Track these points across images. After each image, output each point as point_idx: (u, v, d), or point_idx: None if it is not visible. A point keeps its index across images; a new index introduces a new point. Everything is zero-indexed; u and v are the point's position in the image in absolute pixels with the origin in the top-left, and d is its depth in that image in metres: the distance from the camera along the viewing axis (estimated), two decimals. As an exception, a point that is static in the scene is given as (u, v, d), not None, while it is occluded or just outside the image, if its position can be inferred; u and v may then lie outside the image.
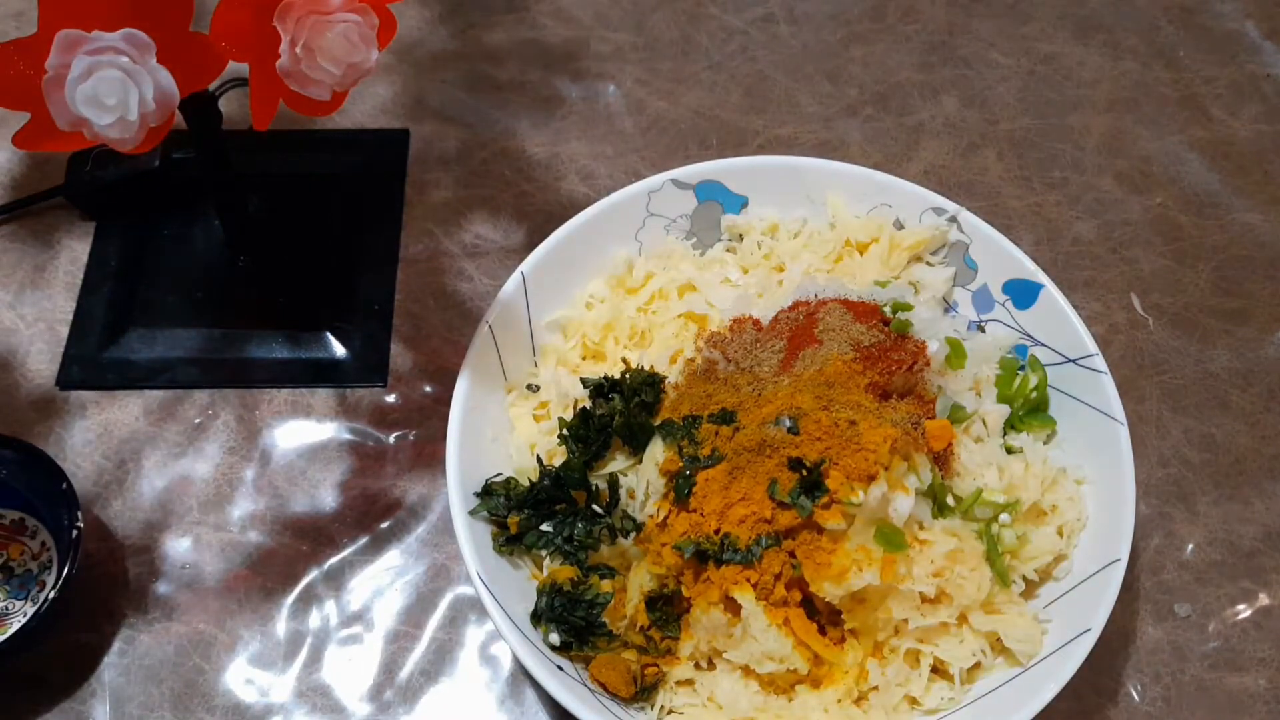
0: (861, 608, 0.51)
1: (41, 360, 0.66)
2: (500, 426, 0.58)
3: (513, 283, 0.59)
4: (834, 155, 0.65)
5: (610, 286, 0.62)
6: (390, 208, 0.72)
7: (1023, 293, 0.60)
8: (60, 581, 0.53)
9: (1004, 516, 0.54)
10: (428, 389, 0.66)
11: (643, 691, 0.52)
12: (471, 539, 0.52)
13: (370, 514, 0.62)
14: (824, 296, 0.59)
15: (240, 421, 0.64)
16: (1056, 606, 0.53)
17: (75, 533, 0.54)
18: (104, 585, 0.59)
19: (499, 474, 0.56)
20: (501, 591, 0.51)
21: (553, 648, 0.52)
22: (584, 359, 0.61)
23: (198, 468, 0.63)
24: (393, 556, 0.61)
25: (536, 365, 0.61)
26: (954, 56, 0.82)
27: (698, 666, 0.53)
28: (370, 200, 0.73)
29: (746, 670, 0.51)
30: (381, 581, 0.60)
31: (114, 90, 0.43)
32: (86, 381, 0.65)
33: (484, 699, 0.57)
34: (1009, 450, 0.57)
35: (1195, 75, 0.81)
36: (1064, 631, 0.51)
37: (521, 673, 0.57)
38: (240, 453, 0.63)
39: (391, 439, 0.64)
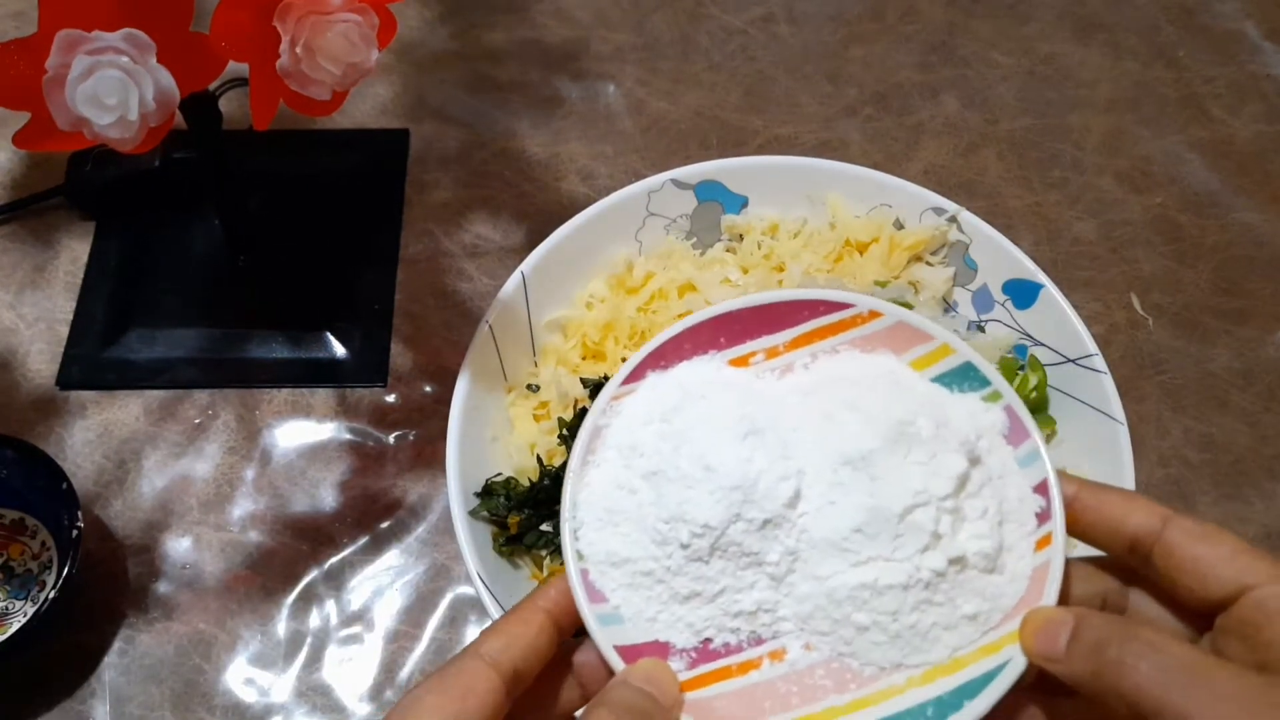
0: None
1: (41, 360, 0.66)
2: (500, 426, 0.58)
3: (513, 283, 0.59)
4: (834, 155, 0.65)
5: (610, 286, 0.62)
6: (390, 208, 0.72)
7: (1022, 293, 0.60)
8: (60, 581, 0.53)
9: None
10: (428, 389, 0.66)
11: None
12: (471, 539, 0.52)
13: (370, 514, 0.62)
14: (824, 296, 0.59)
15: (240, 421, 0.64)
16: (1056, 606, 0.53)
17: (75, 533, 0.54)
18: (104, 585, 0.59)
19: (499, 474, 0.56)
20: (502, 592, 0.51)
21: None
22: (584, 359, 0.61)
23: (198, 468, 0.63)
24: (393, 556, 0.61)
25: (536, 365, 0.61)
26: (954, 56, 0.82)
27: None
28: (370, 200, 0.73)
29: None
30: (381, 581, 0.60)
31: (114, 90, 0.43)
32: (87, 381, 0.65)
33: (484, 699, 0.57)
34: (1009, 450, 0.57)
35: (1195, 75, 0.81)
36: (1064, 631, 0.51)
37: (521, 673, 0.57)
38: (240, 453, 0.63)
39: (391, 439, 0.64)
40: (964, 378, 0.40)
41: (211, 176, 0.64)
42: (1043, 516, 0.37)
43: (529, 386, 0.60)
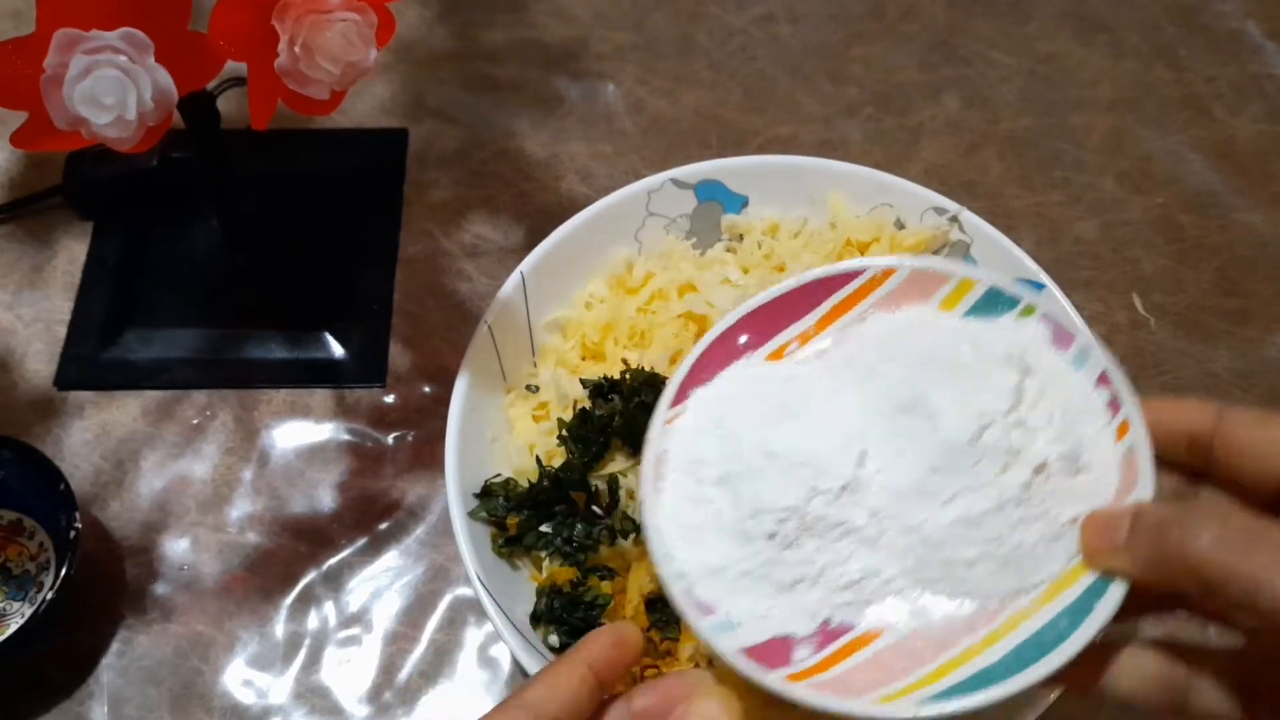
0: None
1: (39, 360, 0.66)
2: (499, 427, 0.58)
3: (512, 283, 0.59)
4: (834, 155, 0.65)
5: (610, 286, 0.62)
6: (389, 208, 0.72)
7: (1024, 293, 0.60)
8: (58, 582, 0.53)
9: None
10: (427, 389, 0.65)
11: (642, 693, 0.52)
12: (470, 540, 0.52)
13: (369, 515, 0.62)
14: (824, 297, 0.59)
15: (238, 422, 0.64)
16: (1058, 608, 0.53)
17: (73, 534, 0.54)
18: (102, 586, 0.59)
19: (498, 475, 0.56)
20: (501, 593, 0.51)
21: (552, 649, 0.52)
22: (584, 359, 0.61)
23: (196, 468, 0.63)
24: (391, 558, 0.60)
25: (536, 366, 0.60)
26: (954, 56, 0.81)
27: (697, 668, 0.52)
28: (369, 200, 0.73)
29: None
30: (380, 583, 0.60)
31: (112, 89, 0.43)
32: (84, 382, 0.65)
33: (483, 701, 0.57)
34: (1010, 451, 0.57)
35: (1197, 75, 0.81)
36: (1065, 633, 0.51)
37: (521, 674, 0.57)
38: (238, 453, 0.63)
39: (390, 439, 0.64)
40: (994, 303, 0.41)
41: (210, 176, 0.64)
42: (1115, 405, 0.38)
43: (528, 387, 0.60)
